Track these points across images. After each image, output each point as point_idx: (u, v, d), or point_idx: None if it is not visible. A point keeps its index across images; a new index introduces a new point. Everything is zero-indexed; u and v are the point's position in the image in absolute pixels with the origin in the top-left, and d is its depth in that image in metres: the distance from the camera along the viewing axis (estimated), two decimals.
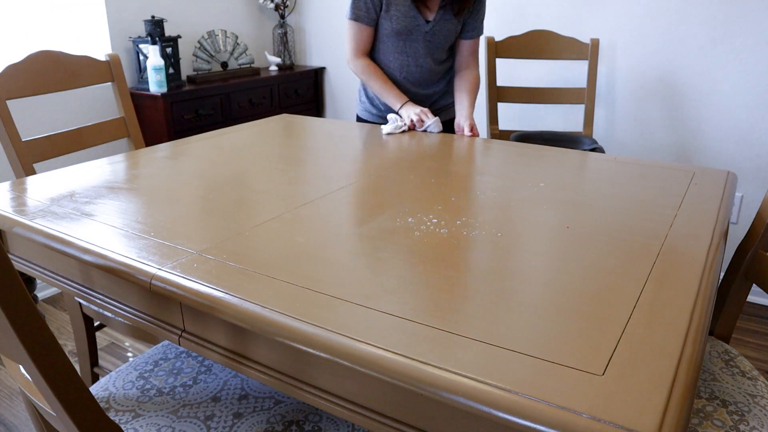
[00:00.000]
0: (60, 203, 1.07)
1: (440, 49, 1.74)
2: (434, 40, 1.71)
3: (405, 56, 1.73)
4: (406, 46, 1.71)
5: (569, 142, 2.07)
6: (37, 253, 1.03)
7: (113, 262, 0.86)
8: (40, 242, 0.96)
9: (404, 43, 1.71)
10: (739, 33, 2.09)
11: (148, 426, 0.94)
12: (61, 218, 1.00)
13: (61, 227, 0.96)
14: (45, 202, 1.08)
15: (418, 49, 1.72)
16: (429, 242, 0.91)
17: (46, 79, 1.55)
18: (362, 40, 1.72)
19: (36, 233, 0.96)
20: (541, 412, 0.55)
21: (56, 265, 1.01)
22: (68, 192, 1.14)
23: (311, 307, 0.72)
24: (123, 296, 0.91)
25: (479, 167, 1.33)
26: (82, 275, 0.97)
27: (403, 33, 1.68)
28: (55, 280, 1.01)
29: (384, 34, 1.72)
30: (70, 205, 1.06)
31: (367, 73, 1.74)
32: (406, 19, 1.66)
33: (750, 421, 0.95)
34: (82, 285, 0.97)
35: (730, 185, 1.22)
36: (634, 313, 0.71)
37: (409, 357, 0.62)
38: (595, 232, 0.96)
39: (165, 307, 0.85)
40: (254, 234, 0.94)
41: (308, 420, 0.96)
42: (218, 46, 2.78)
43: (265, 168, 1.29)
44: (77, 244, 0.91)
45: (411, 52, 1.72)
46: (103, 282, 0.93)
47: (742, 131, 2.17)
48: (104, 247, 0.89)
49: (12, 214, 1.02)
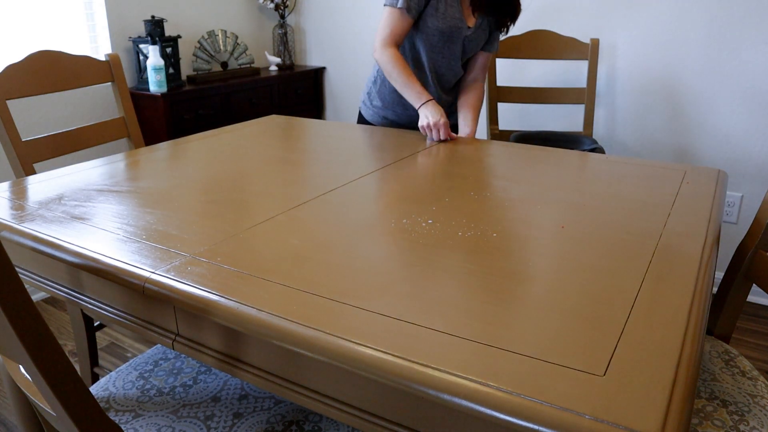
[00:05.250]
0: (49, 206, 1.07)
1: (471, 54, 1.76)
2: (470, 46, 1.71)
3: (441, 56, 1.70)
4: (445, 47, 1.68)
5: (569, 142, 2.07)
6: (27, 258, 1.02)
7: (105, 266, 0.85)
8: (30, 246, 0.95)
9: (444, 44, 1.67)
10: (739, 33, 2.09)
11: (148, 426, 0.94)
12: (50, 222, 1.00)
13: (51, 231, 0.96)
14: (34, 206, 1.07)
15: (455, 51, 1.69)
16: (425, 244, 0.91)
17: (46, 79, 1.55)
18: (400, 30, 1.62)
19: (25, 237, 0.96)
20: (543, 413, 0.55)
21: (46, 270, 1.00)
22: (57, 195, 1.13)
23: (307, 310, 0.72)
24: (115, 300, 0.90)
25: (477, 168, 1.33)
26: (73, 280, 0.96)
27: (447, 33, 1.65)
28: (46, 286, 1.00)
29: (425, 31, 1.66)
30: (60, 209, 1.06)
31: (393, 64, 1.62)
32: (453, 20, 1.64)
33: (750, 421, 0.95)
34: (74, 290, 0.96)
35: (722, 183, 1.22)
36: (633, 312, 0.71)
37: (407, 359, 0.62)
38: (590, 231, 0.96)
39: (158, 310, 0.84)
40: (249, 236, 0.94)
41: (308, 420, 0.96)
42: (218, 46, 2.78)
43: (260, 169, 1.29)
44: (68, 248, 0.90)
45: (447, 53, 1.69)
46: (95, 286, 0.92)
47: (742, 131, 2.17)
48: (96, 251, 0.88)
49: (0, 218, 1.02)
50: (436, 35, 1.65)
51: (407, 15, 1.60)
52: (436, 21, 1.63)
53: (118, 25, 2.43)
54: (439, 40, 1.67)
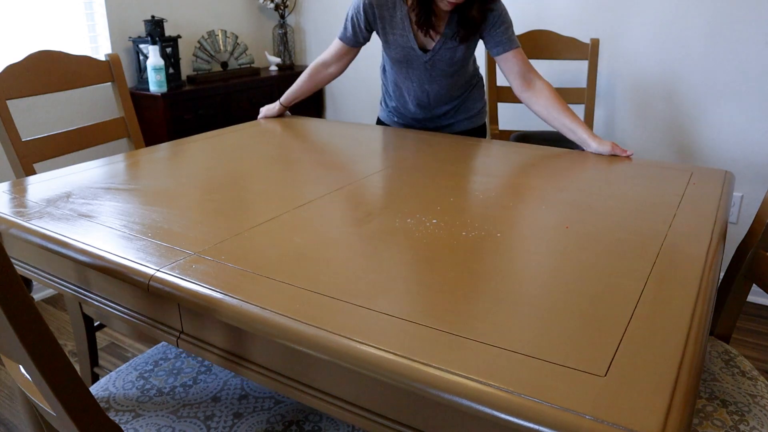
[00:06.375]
0: (57, 204, 1.07)
1: (444, 74, 1.69)
2: (435, 68, 1.67)
3: (410, 81, 1.72)
4: (409, 73, 1.70)
5: (569, 142, 2.07)
6: (34, 255, 1.03)
7: (111, 263, 0.85)
8: (37, 244, 0.95)
9: (406, 71, 1.70)
10: (739, 33, 2.09)
11: (148, 426, 0.94)
12: (57, 219, 1.00)
13: (59, 228, 0.96)
14: (42, 203, 1.07)
15: (421, 76, 1.69)
16: (428, 243, 0.91)
17: (46, 79, 1.55)
18: (331, 52, 1.72)
19: (33, 234, 0.96)
20: (544, 413, 0.54)
21: (53, 267, 1.00)
22: (65, 193, 1.13)
23: (310, 309, 0.72)
24: (121, 298, 0.91)
25: (479, 167, 1.33)
26: (80, 277, 0.96)
27: (403, 62, 1.67)
28: (53, 282, 1.01)
29: (387, 60, 1.73)
30: (67, 206, 1.06)
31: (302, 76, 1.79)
32: (404, 49, 1.64)
33: (750, 421, 0.95)
34: (80, 286, 0.97)
35: (728, 185, 1.22)
36: (635, 313, 0.71)
37: (410, 358, 0.62)
38: (595, 232, 0.96)
39: (163, 308, 0.85)
40: (253, 235, 0.94)
41: (308, 420, 0.96)
42: (218, 46, 2.78)
43: (264, 169, 1.29)
44: (74, 246, 0.91)
45: (414, 78, 1.70)
46: (100, 283, 0.93)
47: (741, 131, 2.17)
48: (102, 249, 0.89)
49: (8, 216, 1.02)
50: (396, 63, 1.70)
51: (341, 42, 1.70)
52: (390, 50, 1.67)
53: (118, 25, 2.43)
54: (399, 68, 1.70)
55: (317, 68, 1.76)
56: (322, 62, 1.75)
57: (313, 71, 1.76)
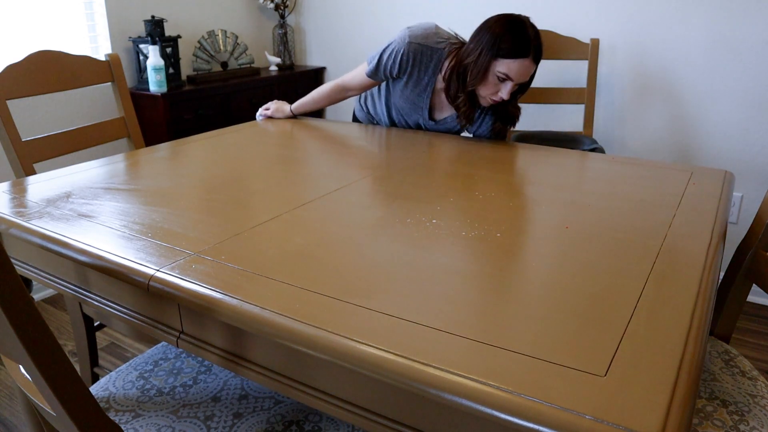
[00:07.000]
0: (57, 204, 1.07)
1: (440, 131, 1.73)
2: (434, 128, 1.72)
3: (401, 118, 1.76)
4: (405, 117, 1.74)
5: (569, 142, 2.07)
6: (34, 255, 1.03)
7: (111, 263, 0.85)
8: (37, 244, 0.95)
9: (404, 117, 1.74)
10: (739, 33, 2.09)
11: (148, 426, 0.94)
12: (57, 219, 1.00)
13: (58, 228, 0.96)
14: (41, 203, 1.07)
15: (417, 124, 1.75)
16: (428, 243, 0.91)
17: (46, 79, 1.55)
18: (356, 82, 1.72)
19: (33, 234, 0.96)
20: (543, 413, 0.54)
21: (53, 267, 1.00)
22: (65, 193, 1.13)
23: (310, 309, 0.72)
24: (121, 298, 0.91)
25: (479, 167, 1.33)
26: (80, 277, 0.96)
27: (404, 111, 1.71)
28: (53, 282, 1.01)
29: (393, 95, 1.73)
30: (67, 206, 1.06)
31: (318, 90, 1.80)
32: (413, 107, 1.68)
33: (750, 421, 0.95)
34: (80, 286, 0.97)
35: (728, 185, 1.22)
36: (635, 313, 0.71)
37: (409, 358, 0.62)
38: (595, 232, 0.96)
39: (163, 308, 0.85)
40: (253, 235, 0.94)
41: (308, 420, 0.96)
42: (218, 46, 2.77)
43: (263, 169, 1.29)
44: (74, 246, 0.91)
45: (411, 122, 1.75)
46: (100, 284, 0.93)
47: (742, 131, 2.17)
48: (102, 249, 0.89)
49: (8, 216, 1.02)
50: (395, 107, 1.73)
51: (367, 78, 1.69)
52: (397, 98, 1.70)
53: (118, 25, 2.43)
54: (399, 111, 1.73)
55: (339, 91, 1.77)
56: (345, 87, 1.75)
57: (333, 94, 1.77)
